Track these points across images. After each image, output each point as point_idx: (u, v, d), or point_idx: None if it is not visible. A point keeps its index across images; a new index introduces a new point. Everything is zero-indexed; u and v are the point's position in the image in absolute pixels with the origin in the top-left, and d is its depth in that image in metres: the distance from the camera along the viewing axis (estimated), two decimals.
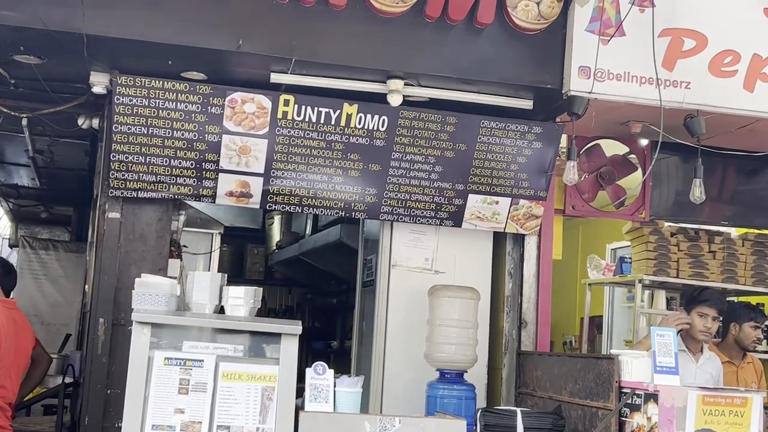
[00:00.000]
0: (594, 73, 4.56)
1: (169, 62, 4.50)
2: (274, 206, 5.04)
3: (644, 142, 5.76)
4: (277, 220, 9.51)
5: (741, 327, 5.37)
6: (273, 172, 4.90)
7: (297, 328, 3.77)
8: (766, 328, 5.71)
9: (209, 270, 6.25)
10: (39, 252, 9.39)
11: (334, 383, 3.87)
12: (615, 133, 5.58)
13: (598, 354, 6.87)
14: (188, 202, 5.39)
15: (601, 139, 5.73)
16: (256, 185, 4.93)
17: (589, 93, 4.58)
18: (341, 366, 6.32)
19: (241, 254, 9.66)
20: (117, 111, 4.60)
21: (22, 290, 4.65)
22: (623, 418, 4.11)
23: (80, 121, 5.25)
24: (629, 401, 4.07)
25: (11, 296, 4.84)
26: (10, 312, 4.20)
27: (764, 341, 6.37)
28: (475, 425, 4.37)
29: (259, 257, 9.88)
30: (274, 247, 9.48)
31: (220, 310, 3.91)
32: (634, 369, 4.13)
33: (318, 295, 9.70)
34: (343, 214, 5.15)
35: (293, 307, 10.24)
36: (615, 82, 4.61)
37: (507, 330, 5.44)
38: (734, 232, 6.42)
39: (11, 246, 11.63)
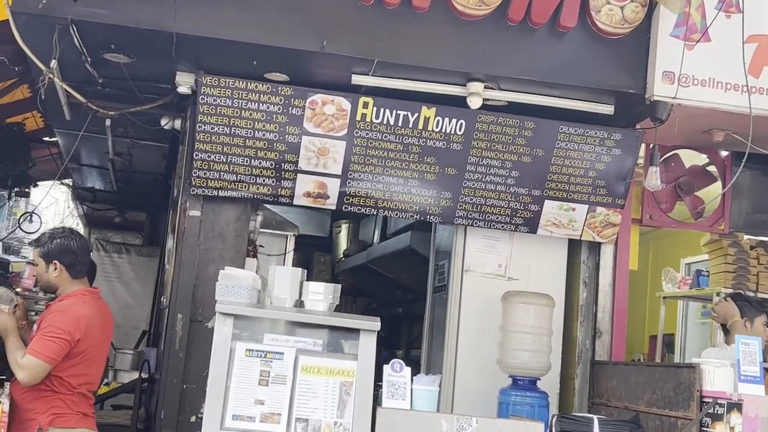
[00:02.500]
0: (678, 79, 4.51)
1: (254, 63, 4.59)
2: (349, 208, 5.09)
3: (724, 152, 5.68)
4: (344, 228, 9.58)
5: None
6: (350, 174, 4.95)
7: (376, 324, 3.79)
8: None
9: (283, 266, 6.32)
10: (112, 255, 9.60)
11: (411, 381, 3.87)
12: (695, 142, 5.51)
13: (678, 363, 6.73)
14: (266, 205, 5.47)
15: (679, 149, 5.66)
16: (333, 186, 4.99)
17: (674, 98, 4.53)
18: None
19: (308, 262, 9.72)
20: (201, 111, 4.71)
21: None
22: (704, 428, 4.03)
23: (163, 122, 5.38)
24: (711, 411, 3.99)
25: None
26: (96, 301, 4.25)
27: None
28: (550, 430, 4.33)
29: (326, 265, 9.94)
30: (341, 256, 9.54)
31: (300, 304, 3.95)
32: (716, 378, 4.04)
33: (383, 305, 9.71)
34: (417, 217, 5.18)
35: None
36: (700, 87, 4.56)
37: (581, 339, 5.38)
38: None
39: None
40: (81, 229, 12.96)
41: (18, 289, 13.56)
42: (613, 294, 5.39)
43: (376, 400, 3.83)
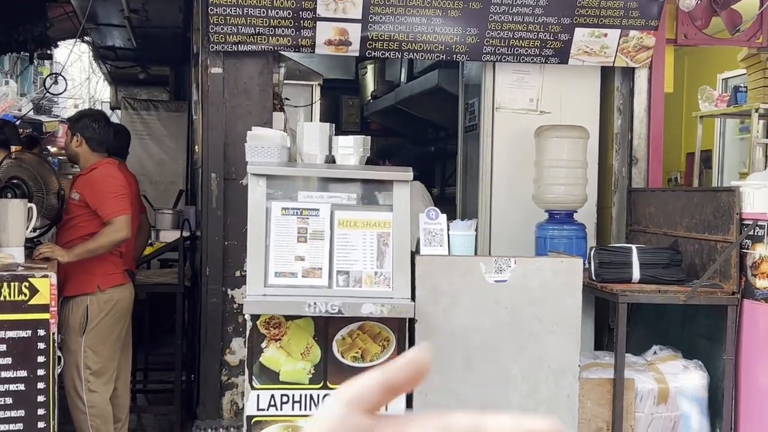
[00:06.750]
0: None
1: None
2: (373, 53, 4.95)
3: None
4: (370, 69, 9.37)
5: None
6: (371, 17, 4.78)
7: (408, 174, 3.76)
8: None
9: (311, 122, 6.24)
10: (141, 113, 9.52)
11: (448, 227, 3.89)
12: None
13: (717, 186, 6.67)
14: (287, 54, 5.33)
15: None
16: (355, 32, 4.83)
17: None
18: (444, 211, 6.33)
19: (337, 106, 9.59)
20: None
21: (130, 151, 4.93)
22: (744, 250, 4.04)
23: None
24: (751, 233, 3.98)
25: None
26: (120, 166, 4.78)
27: None
28: (589, 263, 4.37)
29: (355, 108, 9.80)
30: (369, 98, 9.39)
31: (331, 160, 3.93)
32: (756, 200, 4.01)
33: (415, 144, 9.65)
34: (444, 57, 5.03)
35: (390, 156, 10.22)
36: None
37: (616, 168, 5.33)
38: None
39: (113, 108, 11.94)
40: (107, 87, 12.88)
41: (53, 149, 13.67)
42: (648, 119, 5.28)
43: (415, 248, 3.87)
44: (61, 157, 11.92)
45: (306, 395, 3.67)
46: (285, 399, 3.65)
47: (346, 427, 0.62)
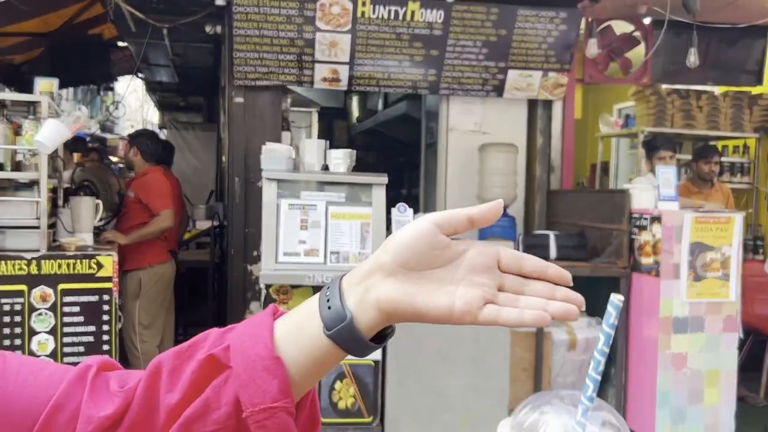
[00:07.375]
0: None
1: None
2: (357, 87, 4.92)
3: (647, 20, 5.40)
4: (355, 99, 9.32)
5: (697, 164, 5.19)
6: (356, 61, 4.76)
7: (384, 179, 3.75)
8: (718, 162, 5.38)
9: (311, 139, 6.19)
10: (181, 131, 9.44)
11: (414, 219, 3.88)
12: (624, 15, 5.22)
13: (613, 189, 6.74)
14: (293, 88, 5.30)
15: (612, 20, 5.38)
16: (344, 72, 4.81)
17: None
18: (410, 207, 6.32)
19: (330, 128, 9.53)
20: (236, 18, 4.48)
21: (174, 160, 4.89)
22: (633, 236, 4.07)
23: (207, 29, 5.13)
24: (638, 223, 4.02)
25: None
26: (166, 173, 4.65)
27: (726, 173, 6.17)
28: (518, 245, 4.39)
29: (343, 130, 9.73)
30: (355, 121, 9.35)
31: (326, 168, 3.91)
32: (642, 199, 4.04)
33: (389, 156, 9.61)
34: (411, 91, 5.02)
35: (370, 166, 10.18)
36: None
37: (539, 175, 5.34)
38: (717, 90, 6.08)
39: (160, 128, 11.79)
40: (156, 112, 12.70)
41: (115, 158, 13.52)
42: (562, 138, 5.30)
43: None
44: (121, 165, 11.77)
45: None
46: None
47: (429, 238, 0.63)
